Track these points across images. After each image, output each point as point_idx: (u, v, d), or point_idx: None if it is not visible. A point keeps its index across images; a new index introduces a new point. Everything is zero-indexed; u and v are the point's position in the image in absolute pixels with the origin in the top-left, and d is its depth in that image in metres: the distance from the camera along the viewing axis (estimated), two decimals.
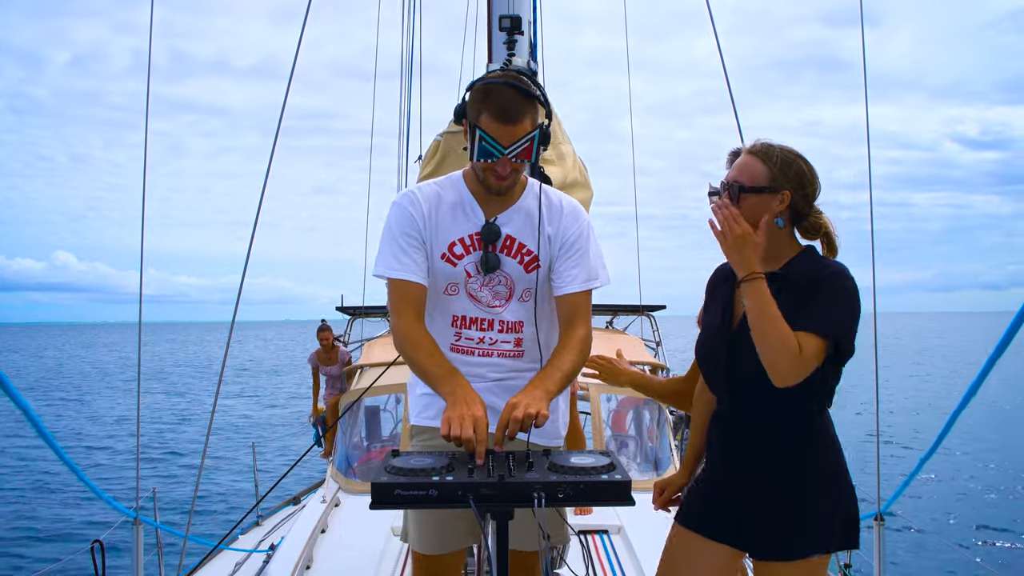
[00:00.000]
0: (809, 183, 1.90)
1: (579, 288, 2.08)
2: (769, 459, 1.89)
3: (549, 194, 2.15)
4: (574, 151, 3.61)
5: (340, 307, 8.32)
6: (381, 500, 1.59)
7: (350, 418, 5.56)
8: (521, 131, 1.94)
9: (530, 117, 1.96)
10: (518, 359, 2.13)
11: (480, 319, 2.11)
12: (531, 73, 3.30)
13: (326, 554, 3.91)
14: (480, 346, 2.12)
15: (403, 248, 2.03)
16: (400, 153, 7.93)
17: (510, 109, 1.93)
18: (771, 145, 1.92)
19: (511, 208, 2.10)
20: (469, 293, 2.10)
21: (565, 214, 2.13)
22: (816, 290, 1.82)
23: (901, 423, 19.43)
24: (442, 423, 1.74)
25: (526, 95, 1.96)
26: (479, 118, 1.95)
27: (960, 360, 44.43)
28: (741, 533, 1.93)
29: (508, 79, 1.97)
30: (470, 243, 2.08)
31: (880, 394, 3.77)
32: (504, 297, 2.10)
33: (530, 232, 2.10)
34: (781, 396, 1.83)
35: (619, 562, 3.74)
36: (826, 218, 1.95)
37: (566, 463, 1.67)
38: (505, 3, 3.30)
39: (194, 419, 21.89)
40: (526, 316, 2.12)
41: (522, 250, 2.09)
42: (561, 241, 2.10)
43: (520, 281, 2.10)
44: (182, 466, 14.99)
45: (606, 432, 5.51)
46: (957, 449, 15.73)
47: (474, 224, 2.08)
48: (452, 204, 2.09)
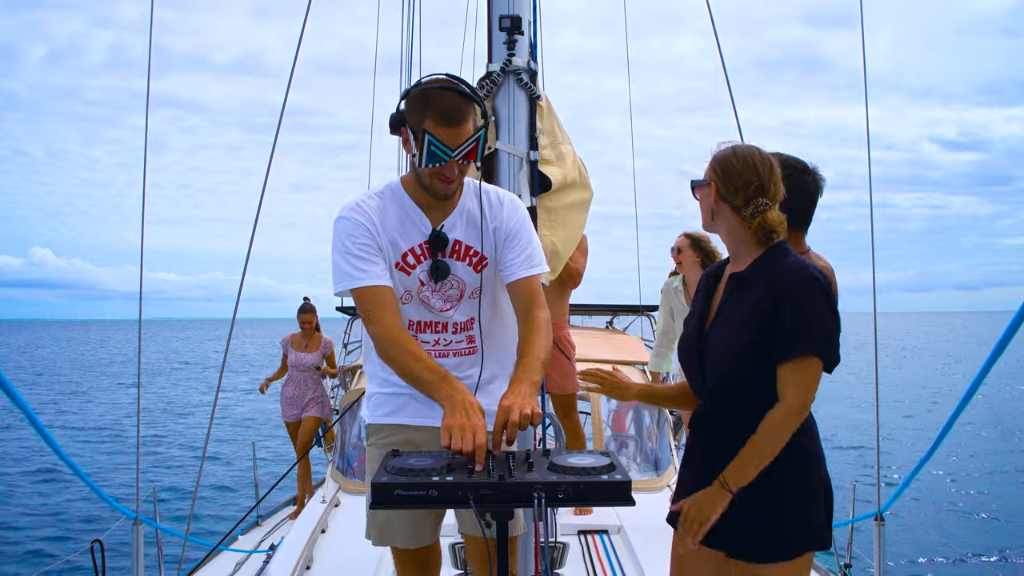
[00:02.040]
0: (736, 174, 1.90)
1: (530, 272, 2.11)
2: None
3: (486, 190, 2.17)
4: (574, 151, 3.61)
5: (340, 307, 8.30)
6: (381, 500, 1.59)
7: (350, 418, 5.56)
8: (465, 133, 1.95)
9: (471, 118, 1.97)
10: (472, 355, 2.18)
11: (434, 322, 2.15)
12: (531, 73, 3.30)
13: (326, 554, 3.90)
14: (436, 347, 2.16)
15: (361, 257, 2.02)
16: (399, 152, 7.92)
17: (453, 112, 1.93)
18: (725, 145, 1.98)
19: (454, 212, 2.12)
20: (421, 300, 2.13)
21: (505, 206, 2.16)
22: (782, 300, 1.81)
23: (897, 423, 19.45)
24: (442, 432, 1.73)
25: (465, 97, 1.96)
26: (422, 123, 1.94)
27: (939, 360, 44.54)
28: (726, 536, 1.92)
29: (445, 83, 1.98)
30: (420, 252, 2.10)
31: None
32: (455, 299, 2.14)
33: (474, 232, 2.12)
34: (755, 394, 1.87)
35: (619, 562, 3.74)
36: (771, 214, 1.89)
37: (566, 463, 1.67)
38: (505, 3, 3.29)
39: (189, 417, 21.95)
40: (474, 312, 2.16)
41: (469, 252, 2.12)
42: (505, 232, 2.13)
43: (471, 282, 2.14)
44: (182, 466, 14.99)
45: (606, 432, 5.51)
46: (957, 449, 15.73)
47: (422, 233, 2.10)
48: (398, 215, 2.10)
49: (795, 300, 1.81)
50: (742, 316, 1.88)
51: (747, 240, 1.94)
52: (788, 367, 1.82)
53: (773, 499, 1.87)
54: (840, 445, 15.75)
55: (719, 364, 1.91)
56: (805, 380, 1.81)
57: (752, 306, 1.86)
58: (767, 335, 1.83)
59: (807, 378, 1.81)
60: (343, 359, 7.79)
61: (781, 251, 1.92)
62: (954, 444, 16.13)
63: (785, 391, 1.82)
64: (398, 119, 2.01)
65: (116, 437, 18.80)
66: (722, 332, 1.94)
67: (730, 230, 1.97)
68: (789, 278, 1.83)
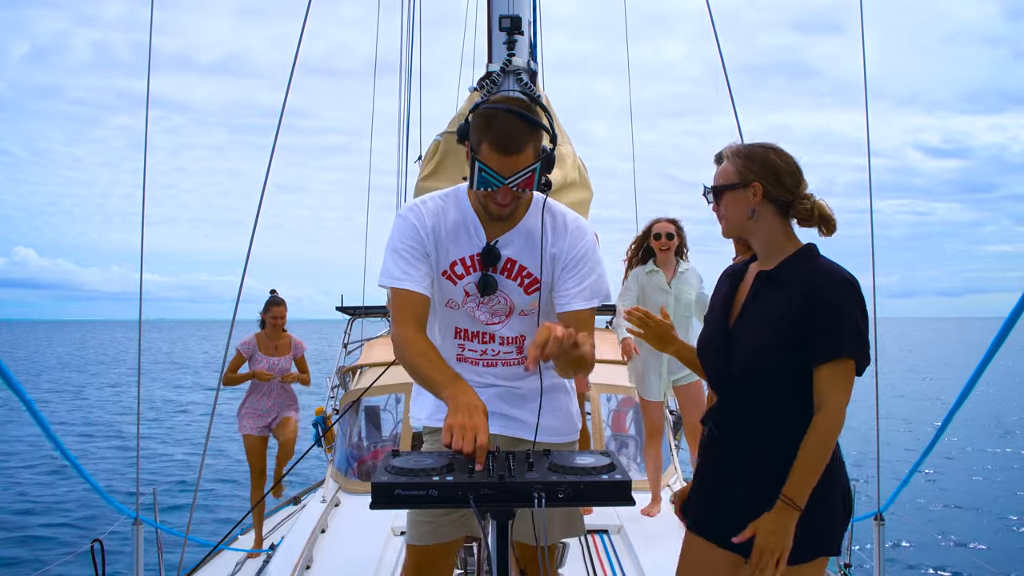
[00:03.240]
0: (784, 171, 1.91)
1: (582, 306, 2.05)
2: (767, 457, 1.89)
3: (554, 211, 2.11)
4: (574, 151, 3.61)
5: (340, 307, 8.29)
6: (381, 500, 1.59)
7: (350, 418, 5.56)
8: (523, 161, 1.89)
9: (532, 146, 1.91)
10: (522, 365, 2.15)
11: (481, 333, 2.13)
12: (531, 73, 3.30)
13: (326, 554, 3.91)
14: (484, 357, 2.15)
15: (406, 259, 2.02)
16: (400, 154, 7.93)
17: (511, 139, 1.87)
18: (739, 144, 1.97)
19: (513, 230, 2.07)
20: (467, 311, 2.11)
21: (570, 232, 2.09)
22: (815, 300, 1.82)
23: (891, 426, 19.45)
24: (443, 431, 1.73)
25: (529, 123, 1.90)
26: (479, 146, 1.90)
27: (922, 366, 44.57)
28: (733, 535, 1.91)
29: (511, 105, 1.90)
30: (470, 264, 2.07)
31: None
32: (503, 314, 2.11)
33: (531, 253, 2.07)
34: (776, 392, 1.87)
35: (619, 562, 3.74)
36: (819, 201, 1.93)
37: (566, 463, 1.67)
38: (505, 3, 3.30)
39: (184, 415, 21.92)
40: (526, 330, 2.13)
41: (522, 272, 2.08)
42: (565, 260, 2.07)
43: (520, 302, 2.10)
44: (180, 466, 14.99)
45: (606, 432, 5.51)
46: (957, 450, 15.74)
47: (476, 245, 2.06)
48: (456, 222, 2.07)
49: (829, 300, 1.81)
50: (772, 315, 1.88)
51: (782, 240, 1.95)
52: (826, 369, 1.81)
53: (762, 497, 1.85)
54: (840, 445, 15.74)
55: (748, 360, 1.90)
56: (843, 382, 1.81)
57: (782, 304, 1.86)
58: (796, 335, 1.83)
59: (845, 380, 1.81)
60: (343, 359, 7.77)
61: (810, 253, 1.93)
62: (955, 444, 16.14)
63: (828, 394, 1.81)
64: (464, 131, 1.97)
65: (109, 437, 18.80)
66: (751, 329, 1.93)
67: (771, 230, 1.94)
68: (821, 278, 1.84)
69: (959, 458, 15.26)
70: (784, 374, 1.85)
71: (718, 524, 1.96)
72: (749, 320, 1.95)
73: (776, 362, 1.86)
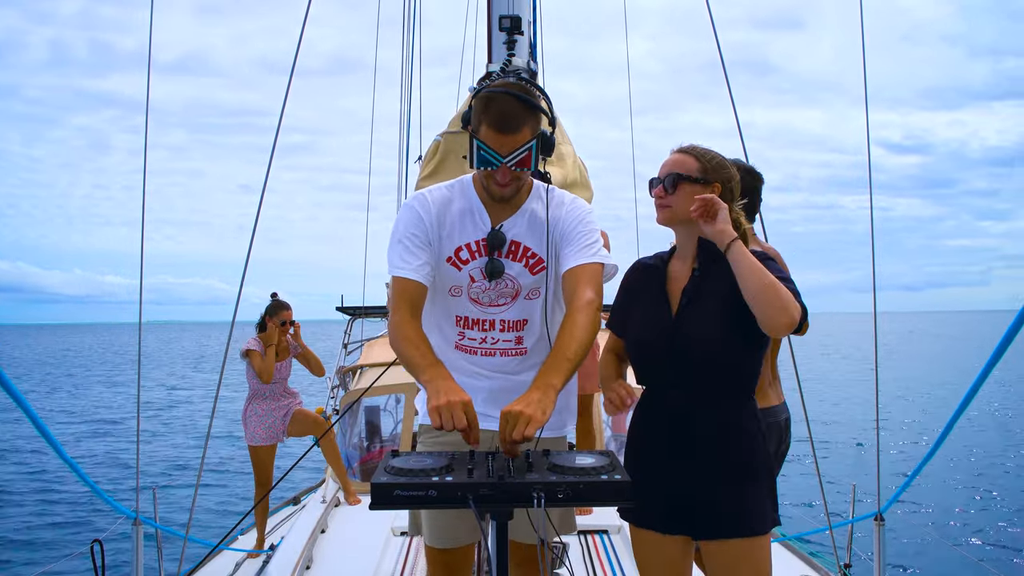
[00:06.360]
0: (735, 183, 2.10)
1: (586, 260, 2.06)
2: (716, 444, 1.98)
3: (554, 193, 2.17)
4: (574, 151, 3.62)
5: (340, 307, 8.29)
6: (381, 500, 1.59)
7: (350, 418, 5.56)
8: (520, 140, 1.96)
9: (530, 126, 1.98)
10: (519, 356, 2.17)
11: (482, 320, 2.15)
12: (531, 73, 3.31)
13: (326, 554, 3.91)
14: (482, 346, 2.17)
15: (407, 247, 2.07)
16: (400, 154, 7.94)
17: (509, 119, 1.95)
18: (702, 146, 2.11)
19: (517, 212, 2.13)
20: (471, 297, 2.14)
21: (566, 206, 2.15)
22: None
23: (897, 423, 19.46)
24: (431, 415, 1.73)
25: (527, 104, 1.97)
26: (479, 127, 1.98)
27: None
28: (692, 520, 2.00)
29: (509, 88, 1.99)
30: (476, 249, 2.11)
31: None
32: (509, 296, 2.14)
33: (535, 234, 2.12)
34: (722, 382, 1.99)
35: (619, 562, 3.74)
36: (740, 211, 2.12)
37: (566, 463, 1.67)
38: (505, 3, 3.30)
39: (180, 412, 21.95)
40: (530, 313, 2.15)
41: (527, 253, 2.12)
42: (563, 229, 2.11)
43: (526, 284, 2.13)
44: (181, 465, 14.99)
45: (606, 432, 5.52)
46: (958, 449, 15.74)
47: (481, 231, 2.11)
48: (461, 210, 2.13)
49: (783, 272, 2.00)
50: (721, 292, 1.99)
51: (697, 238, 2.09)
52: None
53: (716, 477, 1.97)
54: (840, 445, 15.77)
55: (704, 351, 1.98)
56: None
57: (729, 290, 1.94)
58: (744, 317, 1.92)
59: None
60: (343, 359, 7.77)
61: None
62: (955, 444, 16.13)
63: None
64: (467, 117, 2.05)
65: (100, 436, 18.81)
66: (701, 320, 2.00)
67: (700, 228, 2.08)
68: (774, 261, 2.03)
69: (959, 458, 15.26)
70: (736, 350, 1.98)
71: (669, 514, 2.02)
72: (698, 311, 2.02)
73: (735, 341, 1.97)
